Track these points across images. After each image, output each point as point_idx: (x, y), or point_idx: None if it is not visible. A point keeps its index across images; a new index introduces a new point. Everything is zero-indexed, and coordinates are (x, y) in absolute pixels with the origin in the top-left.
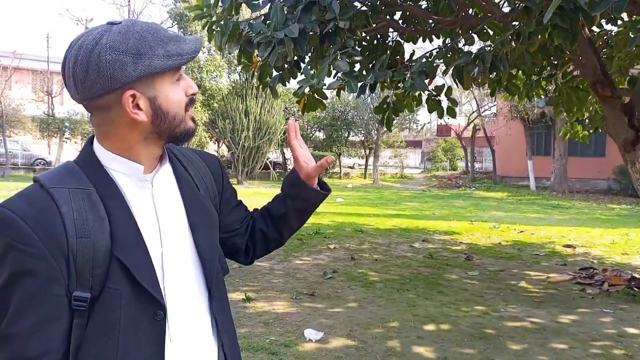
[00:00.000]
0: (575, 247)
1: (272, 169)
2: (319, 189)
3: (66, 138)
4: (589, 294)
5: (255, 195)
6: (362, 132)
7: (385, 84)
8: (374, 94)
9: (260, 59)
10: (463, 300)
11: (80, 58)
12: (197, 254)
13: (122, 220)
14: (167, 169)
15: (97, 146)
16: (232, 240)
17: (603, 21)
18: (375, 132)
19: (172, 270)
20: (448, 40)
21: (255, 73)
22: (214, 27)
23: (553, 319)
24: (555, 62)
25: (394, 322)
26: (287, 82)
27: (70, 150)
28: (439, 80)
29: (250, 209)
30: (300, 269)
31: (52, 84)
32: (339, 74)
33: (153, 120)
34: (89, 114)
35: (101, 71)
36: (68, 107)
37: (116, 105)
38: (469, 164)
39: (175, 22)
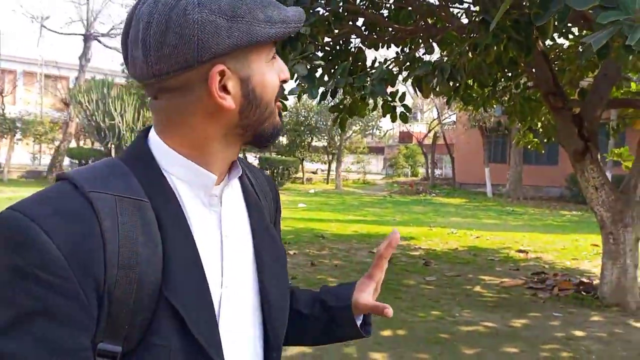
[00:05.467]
0: (528, 253)
1: None
2: (357, 321)
3: (17, 139)
4: (540, 298)
5: None
6: (325, 137)
7: (347, 90)
8: (337, 100)
9: None
10: (420, 305)
11: (157, 14)
12: (261, 302)
13: (180, 248)
14: (235, 183)
15: (155, 141)
16: None
17: (556, 35)
18: (338, 137)
19: (230, 321)
20: (407, 49)
21: None
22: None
23: (505, 323)
24: (510, 74)
25: None
26: None
27: (21, 152)
28: (398, 87)
29: None
30: None
31: (4, 83)
32: (299, 80)
33: (242, 109)
34: (152, 98)
35: (186, 35)
36: (20, 106)
37: (198, 86)
38: (429, 171)
39: None
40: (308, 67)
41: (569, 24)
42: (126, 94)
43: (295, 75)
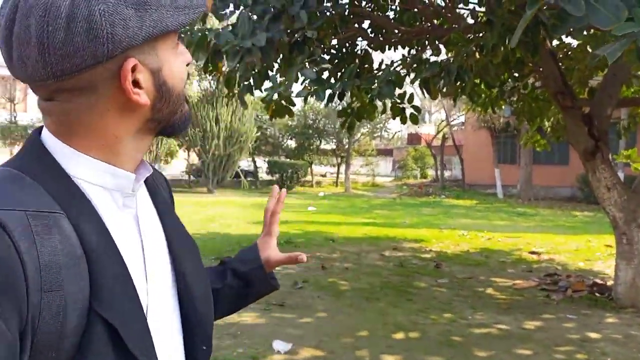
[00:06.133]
0: (540, 254)
1: (243, 177)
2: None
3: None
4: (553, 299)
5: (228, 204)
6: (334, 140)
7: (354, 92)
8: (344, 103)
9: (225, 67)
10: (432, 308)
11: (54, 8)
12: (183, 298)
13: (105, 258)
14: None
15: (54, 144)
16: None
17: (562, 35)
18: (347, 140)
19: (158, 327)
20: (413, 51)
21: (222, 79)
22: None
23: (519, 325)
24: (517, 75)
25: (363, 332)
26: (254, 92)
27: None
28: (405, 88)
29: (224, 219)
30: None
31: (15, 91)
32: (307, 82)
33: (155, 103)
34: (46, 100)
35: (93, 29)
36: (31, 114)
37: (107, 83)
38: (439, 172)
39: None
40: (315, 70)
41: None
42: None
43: (302, 78)
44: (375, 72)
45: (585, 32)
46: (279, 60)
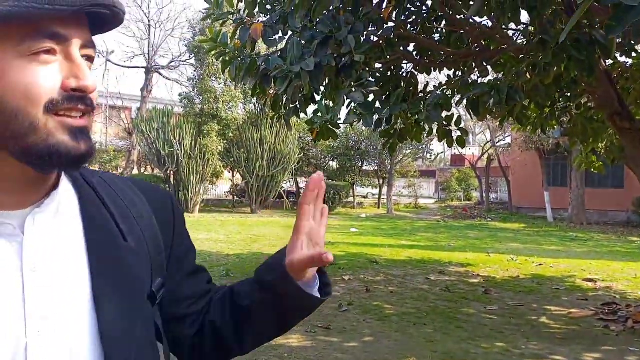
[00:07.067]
0: (596, 282)
1: (285, 198)
2: (312, 287)
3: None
4: (612, 330)
5: (271, 224)
6: (376, 161)
7: (400, 114)
8: (387, 126)
9: (273, 90)
10: (483, 336)
11: None
12: (101, 344)
13: None
14: (64, 203)
15: None
16: (175, 326)
17: (617, 54)
18: (389, 161)
19: None
20: (459, 73)
21: (268, 102)
22: (230, 60)
23: (576, 357)
24: (569, 95)
25: (411, 359)
26: (300, 115)
27: None
28: (453, 111)
29: (267, 239)
30: None
31: None
32: (353, 105)
33: None
34: None
35: None
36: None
37: None
38: (484, 195)
39: (193, 55)
40: (363, 92)
41: (632, 42)
42: (184, 122)
43: (347, 102)
44: (421, 94)
45: None
46: (324, 84)
